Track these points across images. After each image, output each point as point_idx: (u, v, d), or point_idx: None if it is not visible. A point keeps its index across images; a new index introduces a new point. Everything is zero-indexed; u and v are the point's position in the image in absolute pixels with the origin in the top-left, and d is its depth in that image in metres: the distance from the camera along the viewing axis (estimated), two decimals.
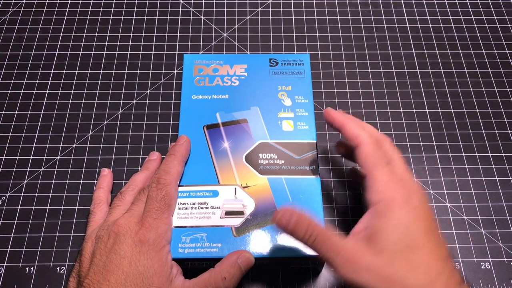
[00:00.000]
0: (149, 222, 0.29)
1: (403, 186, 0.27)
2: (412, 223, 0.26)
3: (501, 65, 0.47)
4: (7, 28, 0.49)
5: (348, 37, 0.48)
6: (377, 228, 0.26)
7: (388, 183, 0.28)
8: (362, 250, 0.26)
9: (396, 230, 0.26)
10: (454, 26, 0.49)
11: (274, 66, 0.40)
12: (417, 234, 0.26)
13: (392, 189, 0.27)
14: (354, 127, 0.31)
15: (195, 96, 0.38)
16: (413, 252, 0.25)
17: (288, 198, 0.33)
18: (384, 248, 0.25)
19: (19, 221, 0.38)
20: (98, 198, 0.36)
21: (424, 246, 0.25)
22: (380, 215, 0.27)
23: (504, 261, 0.37)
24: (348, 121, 0.32)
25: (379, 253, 0.25)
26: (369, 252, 0.25)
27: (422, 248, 0.25)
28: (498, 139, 0.42)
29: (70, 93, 0.45)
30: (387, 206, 0.27)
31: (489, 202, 0.39)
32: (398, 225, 0.26)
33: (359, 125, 0.31)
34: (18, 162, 0.41)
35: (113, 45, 0.48)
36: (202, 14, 0.50)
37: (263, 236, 0.32)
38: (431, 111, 0.44)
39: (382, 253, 0.25)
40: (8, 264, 0.36)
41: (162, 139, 0.42)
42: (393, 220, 0.26)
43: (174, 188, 0.32)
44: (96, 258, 0.29)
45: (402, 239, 0.25)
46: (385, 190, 0.27)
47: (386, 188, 0.27)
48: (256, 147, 0.36)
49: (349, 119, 0.32)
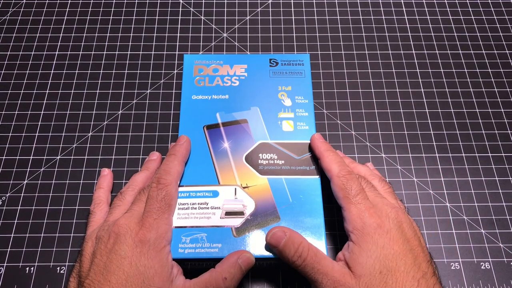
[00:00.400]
0: (149, 222, 0.29)
1: (374, 213, 0.30)
2: (384, 248, 0.28)
3: (501, 65, 0.47)
4: (7, 28, 0.49)
5: (348, 37, 0.48)
6: (355, 254, 0.28)
7: (358, 213, 0.30)
8: (347, 274, 0.28)
9: (370, 257, 0.28)
10: (454, 26, 0.49)
11: (274, 66, 0.40)
12: (390, 258, 0.28)
13: (362, 218, 0.29)
14: (329, 161, 0.33)
15: (195, 96, 0.38)
16: (389, 275, 0.27)
17: (288, 198, 0.34)
18: (362, 274, 0.27)
19: (19, 221, 0.38)
20: (98, 198, 0.36)
21: (398, 269, 0.27)
22: (356, 243, 0.29)
23: (504, 261, 0.37)
24: (325, 154, 0.34)
25: (359, 278, 0.27)
26: (352, 276, 0.28)
27: (396, 271, 0.27)
28: (498, 139, 0.43)
29: (70, 93, 0.45)
30: (361, 235, 0.29)
31: (489, 202, 0.39)
32: (371, 252, 0.28)
33: (335, 159, 0.33)
34: (18, 162, 0.41)
35: (113, 45, 0.48)
36: (202, 14, 0.50)
37: (263, 236, 0.32)
38: (431, 111, 0.44)
39: (362, 278, 0.27)
40: (8, 264, 0.36)
41: (162, 139, 0.42)
42: (366, 248, 0.28)
43: (174, 188, 0.32)
44: (96, 259, 0.29)
45: (375, 265, 0.27)
46: (356, 220, 0.29)
47: (357, 218, 0.30)
48: (256, 147, 0.36)
49: (327, 152, 0.34)
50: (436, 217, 0.39)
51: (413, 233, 0.30)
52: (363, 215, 0.29)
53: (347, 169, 0.32)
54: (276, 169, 0.35)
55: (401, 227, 0.29)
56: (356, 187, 0.31)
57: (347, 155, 0.41)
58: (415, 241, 0.29)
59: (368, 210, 0.30)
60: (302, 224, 0.33)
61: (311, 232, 0.32)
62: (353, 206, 0.30)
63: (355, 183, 0.31)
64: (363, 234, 0.29)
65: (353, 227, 0.29)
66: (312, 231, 0.32)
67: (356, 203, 0.30)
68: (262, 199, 0.33)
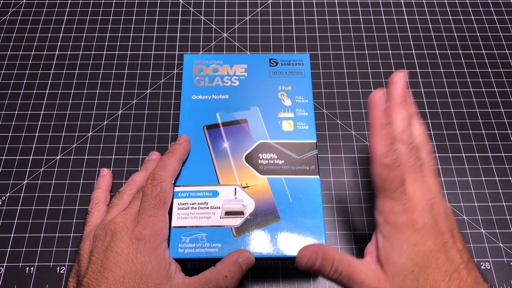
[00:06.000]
0: (144, 219, 0.29)
1: (409, 209, 0.28)
2: (416, 245, 0.27)
3: (501, 65, 0.47)
4: (7, 28, 0.49)
5: (348, 37, 0.48)
6: (386, 252, 0.27)
7: (392, 207, 0.28)
8: (382, 277, 0.27)
9: (402, 255, 0.27)
10: (454, 26, 0.49)
11: (274, 66, 0.40)
12: (422, 255, 0.26)
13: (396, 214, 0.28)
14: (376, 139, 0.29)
15: (195, 96, 0.38)
16: (420, 272, 0.26)
17: (288, 198, 0.33)
18: (395, 273, 0.27)
19: (19, 221, 0.38)
20: (96, 198, 0.36)
21: (430, 266, 0.26)
22: (385, 238, 0.28)
23: (504, 261, 0.37)
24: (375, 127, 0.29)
25: (393, 279, 0.26)
26: (386, 279, 0.27)
27: (428, 267, 0.26)
28: (498, 139, 0.42)
29: (70, 93, 0.45)
30: (393, 231, 0.28)
31: (489, 202, 0.39)
32: (404, 250, 0.27)
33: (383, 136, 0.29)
34: (18, 162, 0.41)
35: (113, 45, 0.48)
36: (202, 14, 0.50)
37: (263, 236, 0.32)
38: (431, 111, 0.44)
39: (395, 279, 0.26)
40: (8, 264, 0.36)
41: (162, 139, 0.42)
42: (398, 245, 0.27)
43: (169, 185, 0.32)
44: (94, 257, 0.29)
45: (407, 264, 0.26)
46: (389, 214, 0.28)
47: (389, 212, 0.28)
48: (256, 147, 0.36)
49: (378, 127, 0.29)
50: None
51: (447, 225, 0.28)
52: (397, 210, 0.28)
53: (394, 154, 0.28)
54: (276, 169, 0.35)
55: (435, 221, 0.28)
56: (397, 180, 0.28)
57: (347, 155, 0.41)
58: (448, 233, 0.28)
59: (403, 205, 0.28)
60: (302, 224, 0.32)
61: (311, 232, 0.32)
62: (388, 201, 0.28)
63: (398, 175, 0.28)
64: (395, 230, 0.27)
65: (384, 220, 0.28)
66: (312, 231, 0.32)
67: (392, 198, 0.28)
68: (262, 199, 0.33)
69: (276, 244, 0.32)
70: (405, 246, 0.27)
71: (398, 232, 0.27)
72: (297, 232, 0.32)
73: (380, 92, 0.30)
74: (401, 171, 0.28)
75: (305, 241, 0.32)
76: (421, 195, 0.28)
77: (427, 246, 0.27)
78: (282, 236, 0.32)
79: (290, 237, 0.32)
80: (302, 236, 0.32)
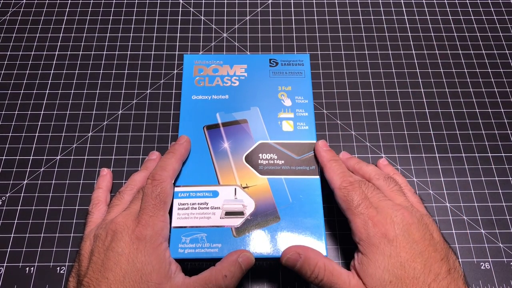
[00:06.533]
0: (145, 219, 0.29)
1: (378, 222, 0.29)
2: (391, 257, 0.28)
3: (501, 65, 0.47)
4: (7, 28, 0.49)
5: (348, 37, 0.48)
6: (364, 266, 0.29)
7: (363, 224, 0.30)
8: None
9: (378, 267, 0.28)
10: (454, 26, 0.49)
11: (274, 66, 0.40)
12: (398, 266, 0.28)
13: (367, 228, 0.29)
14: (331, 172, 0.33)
15: (195, 97, 0.38)
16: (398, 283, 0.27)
17: (288, 199, 0.34)
18: (373, 286, 0.28)
19: (19, 221, 0.38)
20: (96, 198, 0.36)
21: (407, 276, 0.27)
22: (364, 254, 0.29)
23: (504, 261, 0.37)
24: (328, 164, 0.33)
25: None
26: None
27: (405, 278, 0.27)
28: (498, 139, 0.43)
29: (70, 93, 0.45)
30: (367, 245, 0.29)
31: (489, 202, 0.39)
32: (379, 263, 0.28)
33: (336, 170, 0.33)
34: (18, 162, 0.41)
35: (113, 45, 0.48)
36: (202, 14, 0.50)
37: (263, 236, 0.32)
38: (431, 111, 0.44)
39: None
40: (8, 264, 0.36)
41: (162, 139, 0.42)
42: (374, 259, 0.28)
43: (169, 185, 0.32)
44: (94, 257, 0.29)
45: (384, 276, 0.27)
46: (361, 231, 0.30)
47: (361, 229, 0.30)
48: (256, 148, 0.36)
49: (329, 163, 0.34)
50: (436, 217, 0.39)
51: (422, 234, 0.29)
52: (367, 225, 0.29)
53: (348, 179, 0.32)
54: (276, 169, 0.35)
55: (408, 230, 0.29)
56: (357, 197, 0.31)
57: None
58: (425, 242, 0.29)
59: (371, 219, 0.29)
60: (302, 224, 0.33)
61: (311, 232, 0.32)
62: (356, 217, 0.30)
63: (356, 193, 0.31)
64: (369, 244, 0.29)
65: (359, 238, 0.30)
66: (312, 231, 0.32)
67: (359, 214, 0.30)
68: (262, 199, 0.33)
69: (276, 244, 0.32)
70: (380, 258, 0.28)
71: (373, 246, 0.29)
72: (297, 232, 0.32)
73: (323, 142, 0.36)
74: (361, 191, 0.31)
75: (305, 241, 0.32)
76: (388, 210, 0.30)
77: (402, 256, 0.28)
78: (282, 236, 0.32)
79: (290, 237, 0.32)
80: (302, 236, 0.32)
